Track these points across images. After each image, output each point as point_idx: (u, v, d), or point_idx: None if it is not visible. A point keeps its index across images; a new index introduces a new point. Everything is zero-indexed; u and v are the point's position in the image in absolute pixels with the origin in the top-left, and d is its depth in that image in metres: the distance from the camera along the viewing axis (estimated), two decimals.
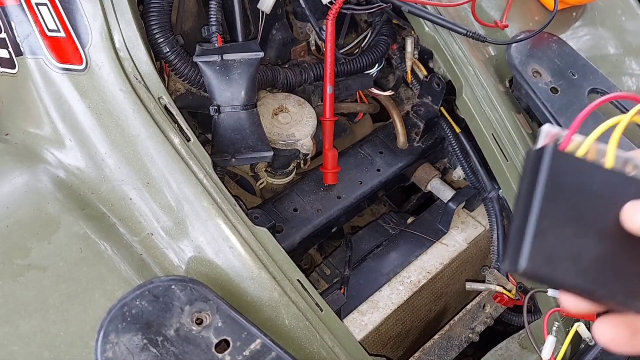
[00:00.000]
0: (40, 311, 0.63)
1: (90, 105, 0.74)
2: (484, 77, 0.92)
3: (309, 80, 0.95)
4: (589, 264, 0.34)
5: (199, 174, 0.72)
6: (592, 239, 0.34)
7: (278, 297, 0.70)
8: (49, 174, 0.74)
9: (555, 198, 0.35)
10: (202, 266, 0.70)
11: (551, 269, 0.34)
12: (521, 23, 1.01)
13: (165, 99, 0.74)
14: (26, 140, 0.78)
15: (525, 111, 0.95)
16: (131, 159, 0.72)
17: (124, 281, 0.67)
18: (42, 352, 0.61)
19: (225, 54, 0.79)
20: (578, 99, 0.90)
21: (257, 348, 0.59)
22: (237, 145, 0.81)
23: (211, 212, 0.70)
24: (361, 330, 0.85)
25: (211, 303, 0.60)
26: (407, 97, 1.08)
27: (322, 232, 0.92)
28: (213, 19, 0.80)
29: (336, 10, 0.88)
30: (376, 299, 0.89)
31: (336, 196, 0.94)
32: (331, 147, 0.94)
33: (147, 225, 0.72)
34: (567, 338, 0.82)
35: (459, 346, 0.96)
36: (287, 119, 0.92)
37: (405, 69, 1.02)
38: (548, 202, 0.34)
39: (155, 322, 0.58)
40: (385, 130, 1.05)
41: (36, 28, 0.76)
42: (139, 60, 0.74)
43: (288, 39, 0.98)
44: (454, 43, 0.92)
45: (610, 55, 1.09)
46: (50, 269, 0.66)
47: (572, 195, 0.35)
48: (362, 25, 1.05)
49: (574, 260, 0.34)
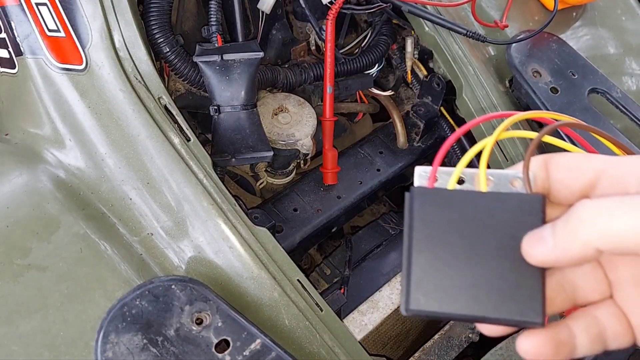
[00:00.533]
0: (40, 311, 0.63)
1: (90, 105, 0.74)
2: (484, 77, 0.92)
3: (309, 80, 0.95)
4: (476, 293, 0.34)
5: (199, 174, 0.72)
6: (477, 266, 0.35)
7: (278, 297, 0.70)
8: (49, 174, 0.74)
9: (431, 236, 0.35)
10: (202, 266, 0.70)
11: (437, 306, 0.34)
12: (521, 23, 1.02)
13: (165, 99, 0.74)
14: (26, 140, 0.78)
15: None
16: (131, 159, 0.72)
17: (124, 281, 0.67)
18: (42, 352, 0.61)
19: (225, 54, 0.79)
20: (578, 99, 0.90)
21: (257, 348, 0.59)
22: (237, 145, 0.81)
23: (211, 212, 0.70)
24: (361, 330, 0.85)
25: (211, 303, 0.60)
26: (407, 97, 1.08)
27: (322, 232, 0.92)
28: (213, 19, 0.80)
29: (336, 10, 0.88)
30: (376, 299, 0.89)
31: (336, 196, 0.93)
32: (331, 147, 0.94)
33: (147, 225, 0.72)
34: None
35: (459, 346, 0.95)
36: (287, 119, 0.92)
37: (405, 69, 1.02)
38: (423, 242, 0.35)
39: (155, 322, 0.58)
40: (385, 130, 1.05)
41: (36, 28, 0.76)
42: (139, 60, 0.74)
43: (288, 39, 0.98)
44: (454, 43, 0.92)
45: (610, 55, 1.09)
46: (50, 269, 0.66)
47: (450, 228, 0.35)
48: (362, 25, 1.05)
49: (459, 293, 0.34)
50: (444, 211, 0.35)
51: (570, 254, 0.32)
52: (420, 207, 0.36)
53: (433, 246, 0.35)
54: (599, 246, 0.31)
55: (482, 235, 0.35)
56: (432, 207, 0.35)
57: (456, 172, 0.36)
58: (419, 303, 0.35)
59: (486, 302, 0.34)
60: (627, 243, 0.30)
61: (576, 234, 0.31)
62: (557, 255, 0.32)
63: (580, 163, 0.35)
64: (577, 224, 0.31)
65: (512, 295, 0.34)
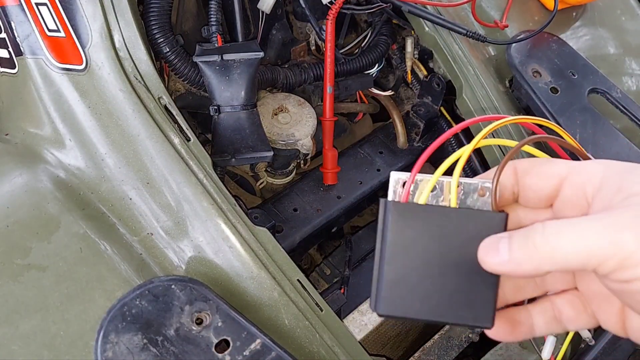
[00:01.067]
0: (40, 311, 0.63)
1: (90, 105, 0.74)
2: (484, 77, 0.92)
3: (309, 80, 0.95)
4: (437, 300, 0.39)
5: (199, 174, 0.72)
6: (441, 276, 0.39)
7: (278, 297, 0.70)
8: (49, 174, 0.74)
9: (402, 247, 0.39)
10: (202, 266, 0.70)
11: (403, 310, 0.39)
12: (521, 23, 1.02)
13: (165, 99, 0.74)
14: (26, 140, 0.78)
15: (525, 111, 0.95)
16: (131, 159, 0.72)
17: (124, 281, 0.67)
18: (42, 352, 0.61)
19: (225, 54, 0.79)
20: (578, 99, 0.90)
21: (257, 348, 0.59)
22: (237, 145, 0.81)
23: (211, 212, 0.70)
24: (361, 330, 0.85)
25: (211, 303, 0.60)
26: (407, 97, 1.08)
27: (322, 232, 0.92)
28: (213, 19, 0.80)
29: (336, 10, 0.88)
30: None
31: (336, 196, 0.93)
32: (331, 147, 0.94)
33: (147, 225, 0.72)
34: (567, 338, 0.82)
35: (459, 346, 0.95)
36: (287, 119, 0.92)
37: (405, 69, 1.02)
38: (394, 252, 0.39)
39: (155, 322, 0.58)
40: (385, 130, 1.05)
41: (36, 28, 0.76)
42: (139, 60, 0.74)
43: (288, 39, 0.98)
44: (454, 43, 0.92)
45: (610, 55, 1.09)
46: (50, 269, 0.66)
47: (419, 241, 0.39)
48: (362, 25, 1.05)
49: (422, 300, 0.39)
50: (415, 225, 0.39)
51: (522, 271, 0.36)
52: (393, 221, 0.39)
53: (402, 256, 0.39)
54: (549, 269, 0.35)
55: (447, 248, 0.39)
56: (403, 221, 0.39)
57: (429, 187, 0.40)
58: (387, 308, 0.39)
59: (446, 309, 0.39)
60: (574, 265, 0.34)
61: (530, 255, 0.35)
62: (510, 268, 0.36)
63: (547, 170, 0.39)
64: (532, 249, 0.35)
65: (468, 302, 0.39)
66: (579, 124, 0.87)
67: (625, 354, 0.83)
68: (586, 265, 0.34)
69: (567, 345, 0.82)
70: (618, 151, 0.86)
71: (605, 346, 0.83)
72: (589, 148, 0.85)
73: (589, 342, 0.84)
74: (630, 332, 0.40)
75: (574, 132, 0.86)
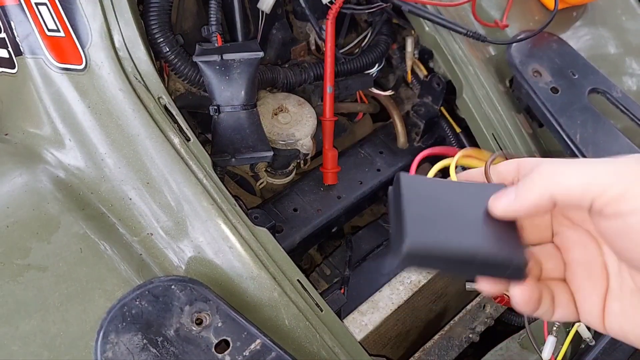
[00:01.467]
0: (40, 311, 0.63)
1: (90, 105, 0.74)
2: (484, 76, 0.92)
3: (309, 80, 0.94)
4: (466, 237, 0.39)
5: (199, 174, 0.72)
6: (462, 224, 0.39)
7: (278, 297, 0.69)
8: (49, 174, 0.74)
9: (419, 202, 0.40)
10: (202, 266, 0.70)
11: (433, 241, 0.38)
12: (521, 23, 1.01)
13: (165, 98, 0.74)
14: (26, 140, 0.78)
15: (526, 111, 0.95)
16: (131, 159, 0.72)
17: (124, 281, 0.67)
18: (42, 352, 0.61)
19: (225, 54, 0.79)
20: (578, 99, 0.90)
21: (257, 348, 0.59)
22: (237, 145, 0.81)
23: (211, 212, 0.70)
24: (361, 330, 0.85)
25: (211, 303, 0.60)
26: (407, 97, 1.08)
27: (322, 232, 0.92)
28: (213, 18, 0.80)
29: (336, 10, 0.88)
30: (376, 299, 0.89)
31: (336, 196, 0.93)
32: (331, 147, 0.94)
33: (147, 225, 0.72)
34: (568, 338, 0.82)
35: (459, 346, 0.95)
36: (287, 119, 0.91)
37: (405, 69, 1.02)
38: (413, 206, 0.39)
39: (155, 322, 0.58)
40: (385, 130, 1.05)
41: (36, 28, 0.76)
42: (138, 60, 0.74)
43: (288, 39, 0.98)
44: (454, 43, 0.92)
45: (611, 55, 1.09)
46: (50, 269, 0.66)
47: (434, 198, 0.40)
48: (362, 25, 1.04)
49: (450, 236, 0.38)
50: (428, 188, 0.41)
51: (528, 202, 0.38)
52: (407, 185, 0.40)
53: (422, 207, 0.40)
54: (553, 193, 0.37)
55: (459, 204, 0.40)
56: (417, 186, 0.41)
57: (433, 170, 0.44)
58: (415, 241, 0.37)
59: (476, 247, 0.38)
60: (574, 194, 0.36)
61: (535, 184, 0.38)
62: (518, 204, 0.39)
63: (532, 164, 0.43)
64: (536, 177, 0.38)
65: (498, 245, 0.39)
66: (580, 123, 0.87)
67: (625, 354, 0.83)
68: (585, 194, 0.36)
69: (567, 345, 0.82)
70: (618, 151, 0.86)
71: (605, 346, 0.83)
72: (590, 148, 0.85)
73: (589, 342, 0.84)
74: (608, 319, 0.41)
75: (575, 131, 0.86)
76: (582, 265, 0.43)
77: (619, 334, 0.41)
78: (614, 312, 0.41)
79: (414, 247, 0.37)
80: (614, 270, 0.41)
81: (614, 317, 0.41)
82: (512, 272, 0.39)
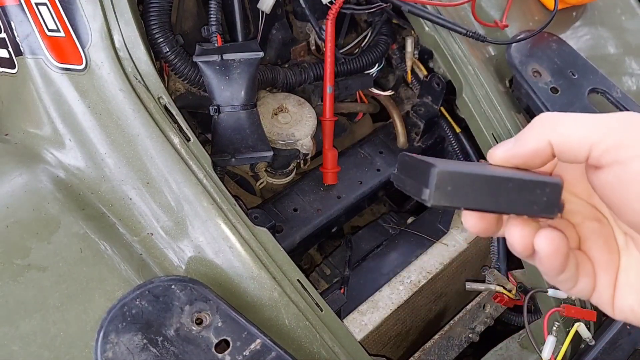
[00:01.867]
0: (40, 311, 0.63)
1: (90, 105, 0.74)
2: (484, 76, 0.92)
3: (309, 80, 0.94)
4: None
5: (199, 174, 0.72)
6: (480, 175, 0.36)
7: (278, 297, 0.69)
8: (49, 174, 0.74)
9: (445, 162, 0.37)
10: (202, 266, 0.70)
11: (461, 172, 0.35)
12: (521, 23, 1.02)
13: (165, 98, 0.74)
14: (26, 140, 0.78)
15: (525, 111, 0.95)
16: (131, 159, 0.72)
17: (124, 281, 0.67)
18: (42, 352, 0.61)
19: (225, 54, 0.79)
20: (578, 99, 0.90)
21: (257, 348, 0.59)
22: (237, 145, 0.81)
23: (211, 212, 0.70)
24: (361, 330, 0.85)
25: (211, 303, 0.60)
26: (407, 97, 1.08)
27: (322, 232, 0.92)
28: (213, 18, 0.80)
29: (336, 10, 0.88)
30: (376, 299, 0.89)
31: (336, 196, 0.93)
32: (331, 147, 0.94)
33: (147, 225, 0.72)
34: (567, 338, 0.82)
35: (459, 346, 0.95)
36: (287, 119, 0.92)
37: (405, 69, 1.02)
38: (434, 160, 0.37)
39: (155, 322, 0.58)
40: (385, 130, 1.05)
41: (36, 28, 0.76)
42: (138, 60, 0.74)
43: (288, 39, 0.98)
44: (454, 43, 0.92)
45: (610, 55, 1.09)
46: (50, 269, 0.66)
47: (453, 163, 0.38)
48: (362, 25, 1.04)
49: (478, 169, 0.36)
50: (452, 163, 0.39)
51: (527, 148, 0.38)
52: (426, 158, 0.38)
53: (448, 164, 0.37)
54: (551, 139, 0.37)
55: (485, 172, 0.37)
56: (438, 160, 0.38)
57: None
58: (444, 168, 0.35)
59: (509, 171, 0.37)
60: (572, 141, 0.36)
61: (534, 130, 0.38)
62: (517, 149, 0.38)
63: None
64: (536, 123, 0.38)
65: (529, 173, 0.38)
66: None
67: (625, 354, 0.83)
68: (583, 140, 0.35)
69: (567, 345, 0.82)
70: None
71: (605, 346, 0.83)
72: None
73: (589, 342, 0.84)
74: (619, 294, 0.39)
75: None
76: (594, 237, 0.41)
77: (629, 315, 0.39)
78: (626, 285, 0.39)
79: (444, 173, 0.34)
80: (623, 245, 0.40)
81: (624, 293, 0.39)
82: (547, 200, 0.36)
